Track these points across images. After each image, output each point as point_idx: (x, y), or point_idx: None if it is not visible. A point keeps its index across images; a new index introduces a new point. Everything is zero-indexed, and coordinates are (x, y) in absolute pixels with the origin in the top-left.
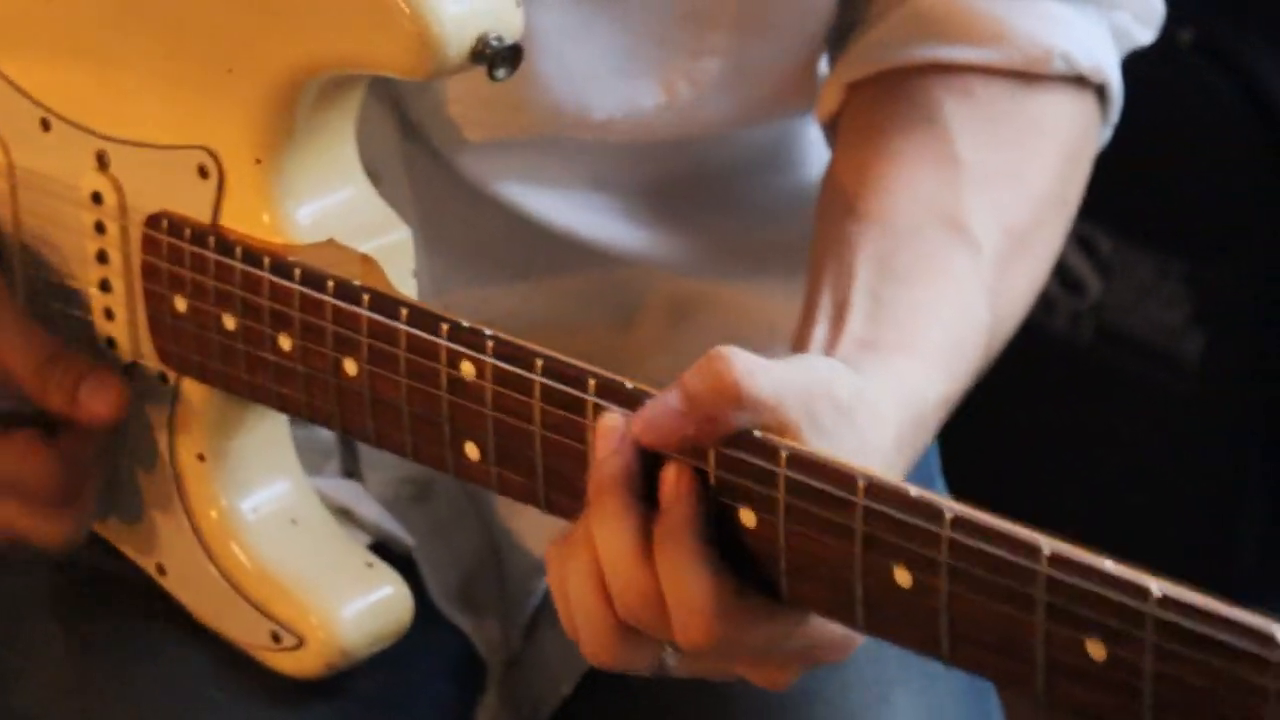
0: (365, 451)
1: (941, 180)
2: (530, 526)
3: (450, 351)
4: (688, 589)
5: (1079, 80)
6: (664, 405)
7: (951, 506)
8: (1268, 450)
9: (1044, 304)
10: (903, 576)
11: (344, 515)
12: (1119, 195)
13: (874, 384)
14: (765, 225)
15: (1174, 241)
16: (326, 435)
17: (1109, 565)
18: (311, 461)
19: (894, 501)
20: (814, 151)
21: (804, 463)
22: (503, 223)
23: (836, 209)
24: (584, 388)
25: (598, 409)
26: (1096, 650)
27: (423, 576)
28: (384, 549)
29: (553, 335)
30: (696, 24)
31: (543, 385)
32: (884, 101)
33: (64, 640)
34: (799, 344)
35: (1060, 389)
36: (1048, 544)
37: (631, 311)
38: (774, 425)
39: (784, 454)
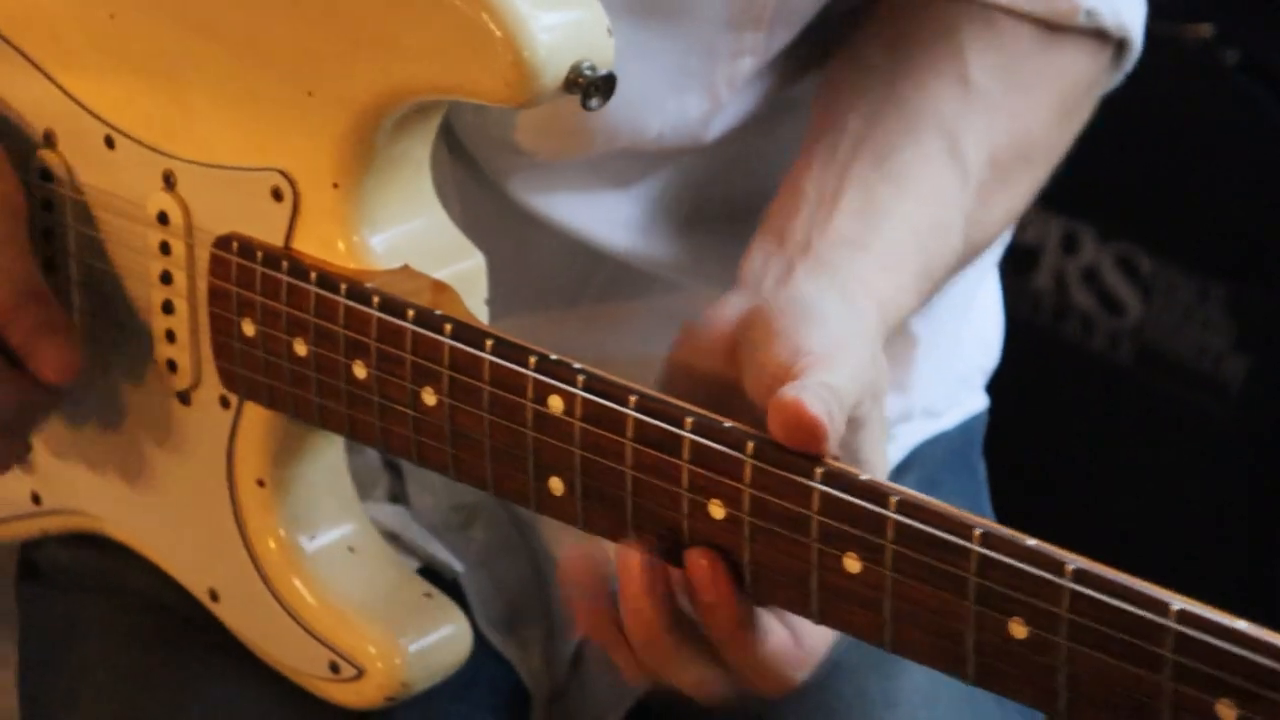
0: (412, 477)
1: (948, 95)
2: None
3: (537, 384)
4: (766, 661)
5: (1100, 33)
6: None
7: (1072, 558)
8: None
9: (1083, 323)
10: (1018, 629)
11: (391, 540)
12: (1161, 215)
13: (860, 304)
14: None
15: (1216, 264)
16: (374, 460)
17: (1242, 625)
18: (359, 486)
19: (1011, 550)
20: None
21: (915, 508)
22: (554, 246)
23: (839, 98)
24: (680, 425)
25: (694, 447)
26: (1227, 713)
27: (469, 603)
28: (430, 574)
29: (604, 363)
30: (737, 28)
31: (636, 422)
32: (905, 16)
33: (114, 668)
34: (779, 215)
35: (1099, 410)
36: (1176, 601)
37: None
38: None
39: (894, 499)
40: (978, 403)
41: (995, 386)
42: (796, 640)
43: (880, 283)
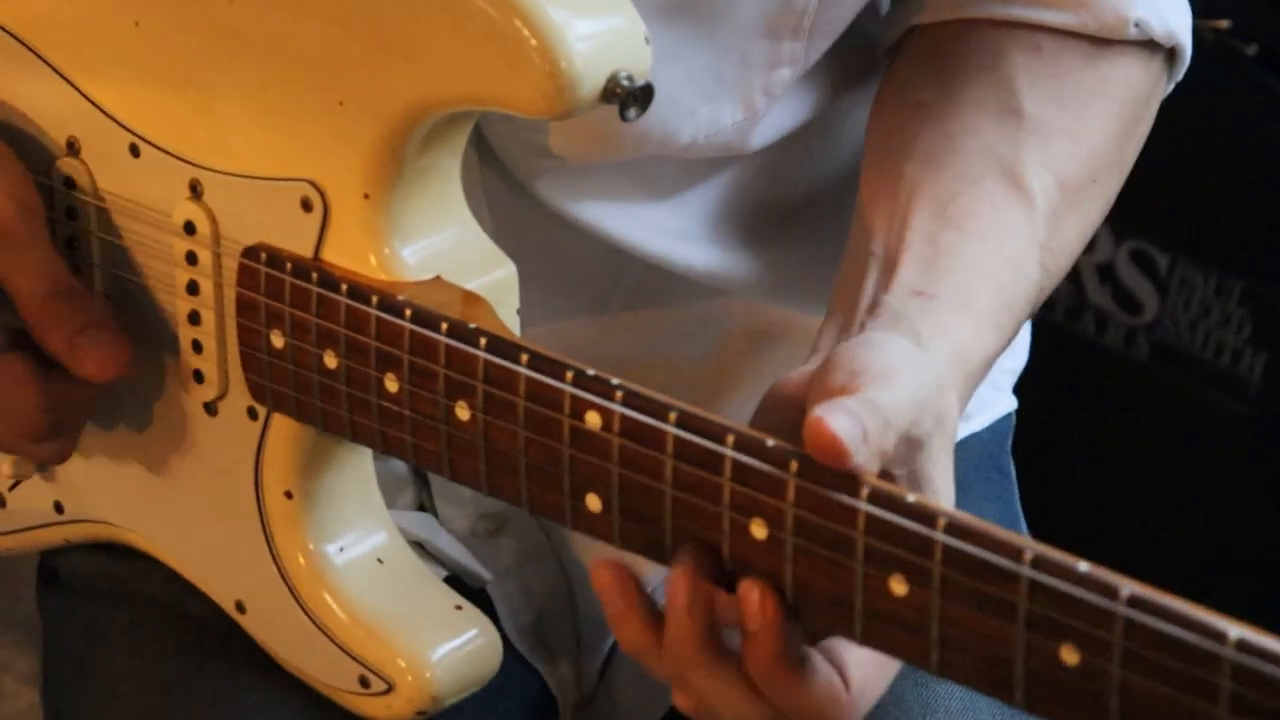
0: (439, 485)
1: (1002, 131)
2: None
3: (575, 400)
4: (806, 704)
5: (1150, 44)
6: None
7: (1126, 583)
8: None
9: (1098, 319)
10: (1069, 656)
11: (418, 548)
12: (1177, 211)
13: (931, 346)
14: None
15: (1233, 260)
16: (401, 467)
17: None
18: (386, 494)
19: (1062, 575)
20: None
21: (964, 530)
22: (583, 249)
23: (892, 145)
24: (722, 442)
25: (735, 465)
26: None
27: (497, 612)
28: (458, 583)
29: (632, 369)
30: (774, 36)
31: (676, 439)
32: (950, 47)
33: (140, 679)
34: (847, 284)
35: (1115, 408)
36: (1235, 630)
37: (712, 343)
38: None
39: (942, 521)
40: (1006, 404)
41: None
42: (846, 683)
43: (953, 325)
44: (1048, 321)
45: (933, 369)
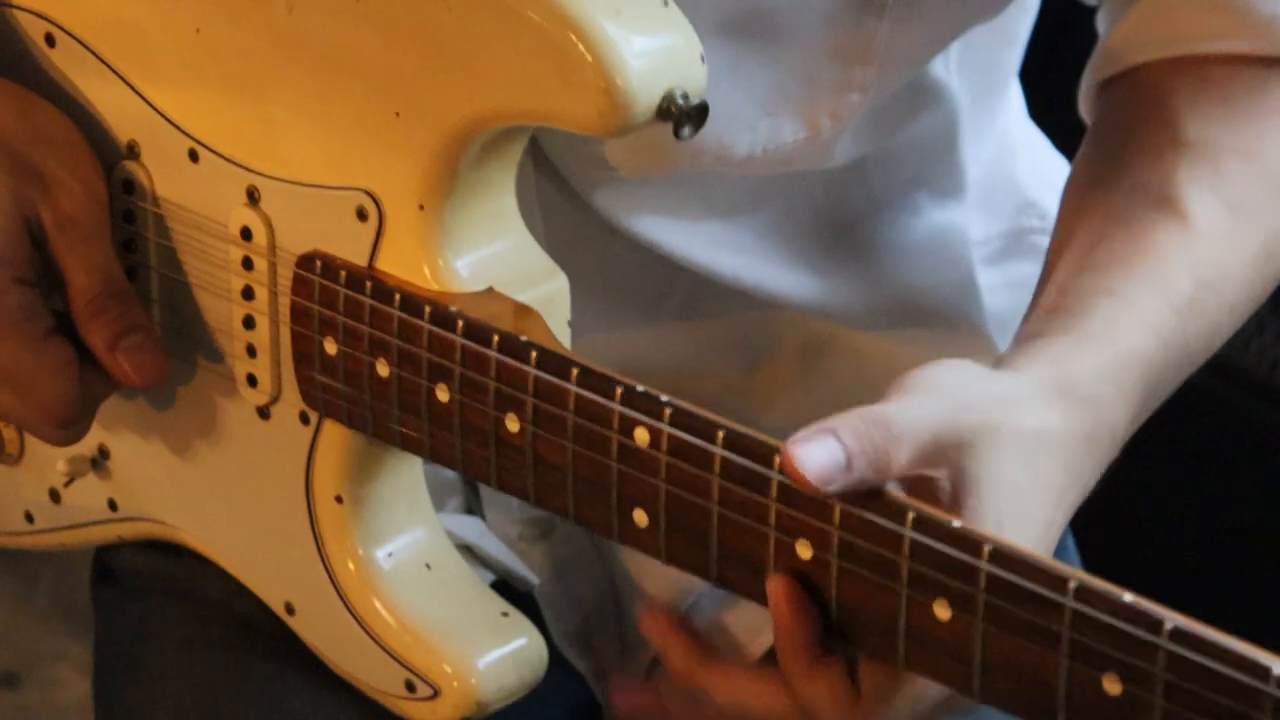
0: (488, 490)
1: (1159, 166)
2: (651, 571)
3: (623, 417)
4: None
5: None
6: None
7: (1171, 617)
8: None
9: None
10: (1112, 686)
11: (466, 552)
12: None
13: (1024, 375)
14: (899, 269)
15: None
16: (450, 472)
17: None
18: (434, 497)
19: (1106, 607)
20: (956, 190)
21: (1008, 559)
22: (635, 259)
23: (1065, 211)
24: (768, 464)
25: (782, 487)
26: None
27: (544, 617)
28: (504, 587)
29: (681, 378)
30: (844, 60)
31: (723, 459)
32: (1122, 98)
33: (189, 676)
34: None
35: (1167, 422)
36: (1277, 665)
37: (760, 354)
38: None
39: (987, 549)
40: None
41: None
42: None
43: (1058, 349)
44: None
45: (992, 384)
